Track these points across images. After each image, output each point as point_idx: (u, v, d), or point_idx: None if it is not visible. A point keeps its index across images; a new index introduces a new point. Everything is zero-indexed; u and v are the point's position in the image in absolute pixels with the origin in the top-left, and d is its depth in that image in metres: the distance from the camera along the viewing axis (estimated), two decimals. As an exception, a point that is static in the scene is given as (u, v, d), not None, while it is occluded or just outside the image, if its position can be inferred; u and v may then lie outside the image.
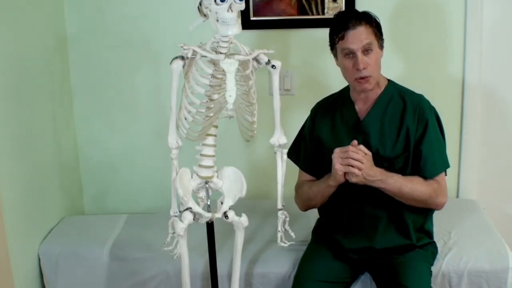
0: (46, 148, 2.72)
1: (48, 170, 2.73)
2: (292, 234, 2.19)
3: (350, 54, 2.11)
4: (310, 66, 2.89)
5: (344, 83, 2.25)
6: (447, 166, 2.23)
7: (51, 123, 2.77)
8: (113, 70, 2.95)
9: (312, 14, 2.82)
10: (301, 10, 2.82)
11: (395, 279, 2.15)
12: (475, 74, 2.84)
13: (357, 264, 2.30)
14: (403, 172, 2.18)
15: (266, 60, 2.02)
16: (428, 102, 2.23)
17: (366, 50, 2.10)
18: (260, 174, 2.87)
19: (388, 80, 2.26)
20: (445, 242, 2.45)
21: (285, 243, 2.18)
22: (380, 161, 2.16)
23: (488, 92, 2.90)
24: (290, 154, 2.29)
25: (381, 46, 2.17)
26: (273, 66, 2.03)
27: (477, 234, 2.50)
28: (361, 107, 2.23)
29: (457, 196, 2.98)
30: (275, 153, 2.14)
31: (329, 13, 2.80)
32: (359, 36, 2.09)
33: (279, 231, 2.17)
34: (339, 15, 2.21)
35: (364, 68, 2.10)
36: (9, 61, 2.40)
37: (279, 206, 2.17)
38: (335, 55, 2.19)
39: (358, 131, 2.21)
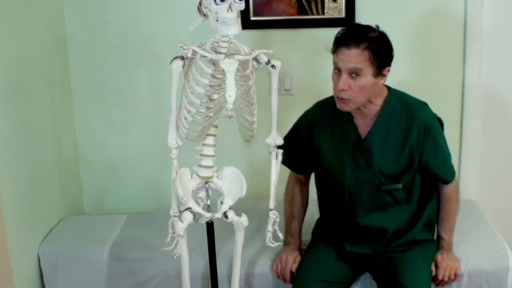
0: (46, 148, 2.72)
1: (48, 170, 2.73)
2: (280, 235, 2.22)
3: (338, 70, 2.05)
4: (310, 66, 2.88)
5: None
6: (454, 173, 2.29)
7: (51, 123, 2.77)
8: (113, 70, 2.95)
9: (312, 14, 2.82)
10: (301, 10, 2.82)
11: (395, 279, 2.16)
12: (475, 74, 2.84)
13: (358, 264, 2.31)
14: (410, 187, 2.19)
15: (266, 60, 2.02)
16: (431, 112, 2.18)
17: (354, 73, 2.01)
18: (260, 174, 2.86)
19: (388, 89, 2.18)
20: (445, 242, 2.45)
21: (272, 243, 2.20)
22: (384, 178, 2.16)
23: (488, 92, 2.90)
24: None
25: (376, 74, 2.04)
26: (273, 66, 2.03)
27: (477, 234, 2.50)
28: (361, 122, 2.17)
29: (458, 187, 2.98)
30: (270, 153, 2.15)
31: (329, 13, 2.80)
32: (349, 57, 2.00)
33: (268, 231, 2.18)
34: (346, 28, 2.10)
35: (342, 90, 2.03)
36: (9, 61, 2.40)
37: (271, 206, 2.18)
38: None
39: (360, 149, 2.17)
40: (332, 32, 2.81)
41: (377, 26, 2.07)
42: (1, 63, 2.34)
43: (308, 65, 2.89)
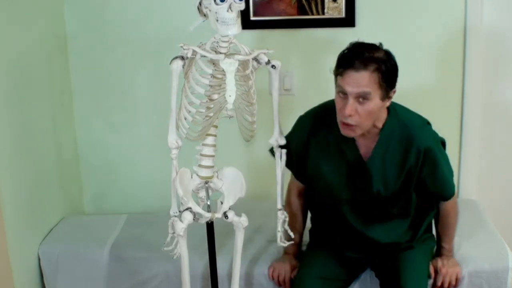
0: (46, 148, 2.72)
1: (48, 170, 2.73)
2: (291, 234, 2.20)
3: (344, 94, 1.94)
4: (310, 66, 2.88)
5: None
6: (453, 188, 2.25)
7: (51, 123, 2.77)
8: (113, 70, 2.95)
9: (312, 14, 2.82)
10: (301, 10, 2.82)
11: (396, 280, 2.16)
12: (475, 75, 2.84)
13: (357, 264, 2.31)
14: (408, 204, 2.18)
15: (266, 60, 2.02)
16: (431, 134, 2.12)
17: (362, 98, 1.91)
18: (260, 174, 2.87)
19: (389, 109, 2.07)
20: (445, 242, 2.45)
21: (284, 243, 2.20)
22: (381, 202, 2.15)
23: (488, 92, 2.90)
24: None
25: (384, 97, 1.95)
26: (273, 66, 2.03)
27: (477, 234, 2.50)
28: (362, 142, 2.10)
29: (457, 196, 2.97)
30: (274, 153, 2.15)
31: (329, 13, 2.80)
32: (358, 80, 1.89)
33: (278, 231, 2.18)
34: (353, 46, 1.98)
35: (349, 115, 1.93)
36: (9, 60, 2.40)
37: (279, 206, 2.18)
38: (335, 78, 2.02)
39: (360, 171, 2.12)
40: (332, 32, 2.83)
41: (381, 44, 2.00)
42: (1, 63, 2.34)
43: (308, 65, 2.89)
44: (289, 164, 2.22)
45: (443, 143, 2.20)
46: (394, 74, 1.97)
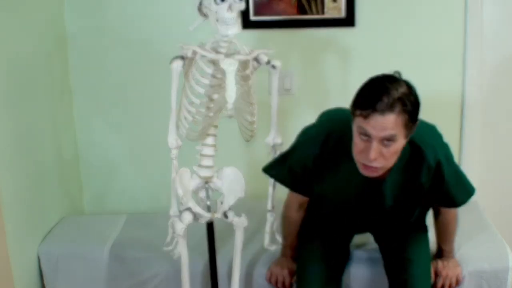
0: (46, 148, 2.72)
1: (48, 170, 2.73)
2: (279, 238, 2.21)
3: (366, 136, 1.80)
4: (310, 66, 2.88)
5: (344, 83, 2.25)
6: (472, 192, 2.14)
7: (51, 123, 2.77)
8: (113, 70, 2.95)
9: (312, 14, 2.82)
10: (301, 10, 2.82)
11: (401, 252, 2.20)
12: (475, 75, 2.84)
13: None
14: (420, 217, 2.23)
15: (266, 60, 2.02)
16: (438, 144, 2.03)
17: (387, 140, 1.78)
18: (260, 174, 2.86)
19: None
20: (445, 242, 2.45)
21: (271, 246, 2.20)
22: (394, 218, 2.16)
23: (488, 92, 2.90)
24: (277, 174, 2.18)
25: (408, 135, 1.83)
26: (273, 66, 2.03)
27: (477, 234, 2.50)
28: None
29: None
30: (269, 153, 2.15)
31: (329, 13, 2.80)
32: (384, 124, 1.74)
33: (266, 232, 2.17)
34: (372, 85, 1.81)
35: (374, 159, 1.80)
36: (9, 60, 2.39)
37: (269, 207, 2.18)
38: (352, 114, 1.84)
39: (373, 191, 2.04)
40: (332, 32, 2.83)
41: (399, 74, 1.86)
42: (1, 63, 2.34)
43: (308, 65, 2.89)
44: (290, 177, 2.15)
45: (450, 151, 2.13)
46: (418, 109, 1.84)
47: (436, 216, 2.25)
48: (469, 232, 2.50)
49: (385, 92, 1.75)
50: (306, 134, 2.11)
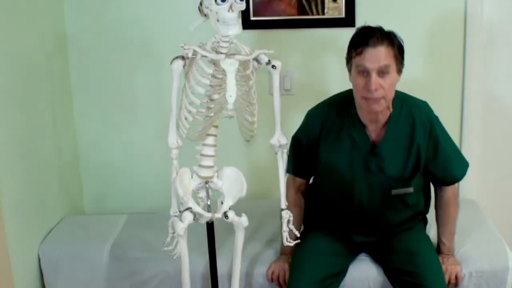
0: (46, 148, 2.72)
1: (48, 170, 2.73)
2: (297, 233, 2.20)
3: (364, 72, 2.02)
4: (310, 66, 2.89)
5: (344, 84, 2.25)
6: (466, 165, 2.28)
7: (51, 123, 2.77)
8: (113, 70, 2.95)
9: (312, 14, 2.82)
10: (301, 10, 2.82)
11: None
12: (475, 74, 2.84)
13: (361, 247, 2.36)
14: (419, 191, 2.26)
15: (266, 60, 2.02)
16: (432, 111, 2.21)
17: (382, 72, 2.01)
18: (260, 174, 2.87)
19: None
20: (445, 242, 2.45)
21: (290, 242, 2.19)
22: (395, 182, 2.18)
23: (488, 92, 2.90)
24: None
25: (399, 71, 2.08)
26: (273, 66, 2.03)
27: (477, 234, 2.50)
28: (373, 128, 2.17)
29: (458, 196, 2.97)
30: (276, 153, 2.15)
31: (329, 13, 2.80)
32: (377, 55, 2.00)
33: (284, 230, 2.17)
34: (362, 29, 2.09)
35: (375, 90, 2.02)
36: (9, 60, 2.40)
37: (283, 206, 2.17)
38: (349, 70, 2.11)
39: (372, 155, 2.18)
40: (332, 32, 2.83)
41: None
42: (1, 63, 2.34)
43: (308, 65, 2.89)
44: (295, 161, 2.27)
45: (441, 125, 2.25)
46: (402, 47, 2.10)
47: (436, 198, 2.30)
48: (469, 232, 2.50)
49: (374, 31, 2.04)
50: (310, 111, 2.31)
